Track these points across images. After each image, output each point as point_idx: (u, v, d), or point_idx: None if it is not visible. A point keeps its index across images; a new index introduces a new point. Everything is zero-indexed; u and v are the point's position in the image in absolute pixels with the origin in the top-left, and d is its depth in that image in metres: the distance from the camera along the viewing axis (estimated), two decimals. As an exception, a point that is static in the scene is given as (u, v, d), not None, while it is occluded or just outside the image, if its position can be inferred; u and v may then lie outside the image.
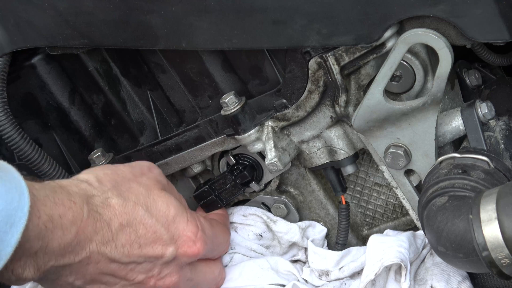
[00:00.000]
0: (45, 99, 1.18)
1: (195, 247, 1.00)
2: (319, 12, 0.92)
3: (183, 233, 0.99)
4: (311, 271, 1.10)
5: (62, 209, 0.84)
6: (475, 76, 1.13)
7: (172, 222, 0.99)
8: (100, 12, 1.02)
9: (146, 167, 1.04)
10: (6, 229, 0.75)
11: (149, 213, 0.96)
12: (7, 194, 0.76)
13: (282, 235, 1.14)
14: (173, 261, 0.99)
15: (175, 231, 0.99)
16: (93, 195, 0.92)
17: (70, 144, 1.23)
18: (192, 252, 1.00)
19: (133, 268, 0.95)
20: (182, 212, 1.00)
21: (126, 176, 0.99)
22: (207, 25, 0.98)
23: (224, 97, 1.04)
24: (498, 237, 0.76)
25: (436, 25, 0.91)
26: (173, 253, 0.98)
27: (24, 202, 0.77)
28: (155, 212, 0.97)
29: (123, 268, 0.94)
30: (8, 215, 0.75)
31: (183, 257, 1.00)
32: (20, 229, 0.76)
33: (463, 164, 0.91)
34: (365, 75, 1.01)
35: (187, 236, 1.00)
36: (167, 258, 0.98)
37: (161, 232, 0.97)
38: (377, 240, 1.00)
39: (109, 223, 0.91)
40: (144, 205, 0.96)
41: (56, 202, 0.84)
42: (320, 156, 1.09)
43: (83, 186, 0.93)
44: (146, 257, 0.96)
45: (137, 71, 1.15)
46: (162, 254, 0.97)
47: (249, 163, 1.14)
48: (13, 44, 1.09)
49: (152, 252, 0.96)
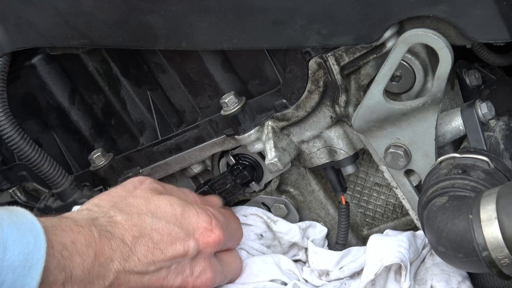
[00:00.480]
0: (45, 99, 1.18)
1: (215, 235, 1.01)
2: (319, 12, 0.92)
3: (198, 225, 1.00)
4: (311, 271, 1.10)
5: (72, 235, 0.85)
6: (475, 76, 1.13)
7: (182, 218, 0.99)
8: (100, 12, 1.02)
9: (137, 181, 1.05)
10: (25, 273, 0.75)
11: (156, 218, 0.97)
12: (22, 238, 0.76)
13: (283, 235, 1.14)
14: (199, 255, 0.99)
15: (189, 225, 0.99)
16: (97, 217, 0.92)
17: (70, 144, 1.23)
18: (214, 240, 1.00)
19: (166, 275, 0.96)
20: (189, 207, 1.01)
21: (121, 195, 1.00)
22: (207, 25, 0.98)
23: (224, 97, 1.04)
24: (498, 237, 0.76)
25: (436, 25, 0.91)
26: (195, 246, 0.98)
27: (41, 244, 0.78)
28: (162, 215, 0.98)
29: (155, 278, 0.95)
30: (25, 259, 0.76)
31: (206, 248, 1.00)
32: (39, 271, 0.76)
33: (463, 164, 0.91)
34: (365, 75, 1.01)
35: (203, 227, 1.00)
36: (191, 253, 0.98)
37: (175, 231, 0.97)
38: (377, 240, 1.00)
39: (123, 238, 0.92)
40: (149, 213, 0.97)
41: (64, 229, 0.85)
42: (320, 156, 1.09)
43: (84, 212, 0.94)
44: (172, 259, 0.96)
45: (137, 71, 1.15)
46: (186, 250, 0.97)
47: (249, 163, 1.14)
48: (13, 44, 1.10)
49: (176, 252, 0.96)
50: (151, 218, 0.96)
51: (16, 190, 1.32)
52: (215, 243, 1.01)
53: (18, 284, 0.75)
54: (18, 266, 0.74)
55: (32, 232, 0.78)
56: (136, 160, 1.17)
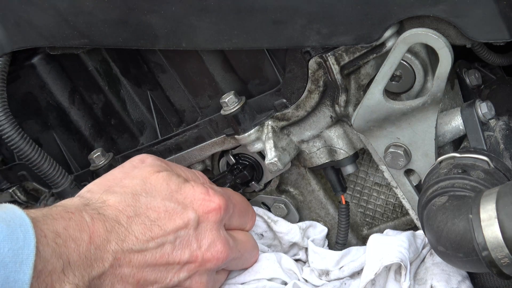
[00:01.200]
0: (45, 99, 1.19)
1: (214, 203, 0.99)
2: (319, 12, 0.92)
3: (194, 196, 0.98)
4: (311, 270, 1.10)
5: (64, 222, 0.85)
6: (475, 76, 1.13)
7: (178, 194, 0.98)
8: (100, 12, 1.02)
9: (137, 161, 1.03)
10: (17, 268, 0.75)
11: (151, 197, 0.95)
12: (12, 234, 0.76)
13: (283, 235, 1.14)
14: (202, 226, 0.98)
15: (185, 199, 0.98)
16: (88, 203, 0.92)
17: (70, 144, 1.23)
18: (214, 208, 0.99)
19: (170, 250, 0.94)
20: (184, 182, 1.00)
21: (117, 177, 0.99)
22: (207, 25, 0.98)
23: (224, 97, 1.04)
24: (498, 237, 0.76)
25: (436, 25, 0.91)
26: (194, 217, 0.97)
27: (30, 239, 0.78)
28: (157, 193, 0.96)
29: (159, 255, 0.93)
30: (16, 254, 0.76)
31: (208, 217, 0.98)
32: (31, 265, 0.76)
33: (463, 164, 0.91)
34: (365, 75, 1.01)
35: (199, 197, 0.98)
36: (192, 223, 0.96)
37: (172, 207, 0.96)
38: (377, 239, 1.00)
39: (117, 219, 0.91)
40: (144, 192, 0.96)
41: (55, 218, 0.84)
42: (320, 156, 1.09)
43: (76, 199, 0.93)
44: (173, 233, 0.94)
45: (137, 71, 1.15)
46: (185, 222, 0.96)
47: (249, 163, 1.14)
48: (13, 44, 1.09)
49: (175, 225, 0.95)
50: (145, 197, 0.95)
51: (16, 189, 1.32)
52: (216, 211, 0.99)
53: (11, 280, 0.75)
54: (9, 262, 0.75)
55: (22, 227, 0.78)
56: (136, 160, 1.17)
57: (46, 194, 1.25)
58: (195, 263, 0.97)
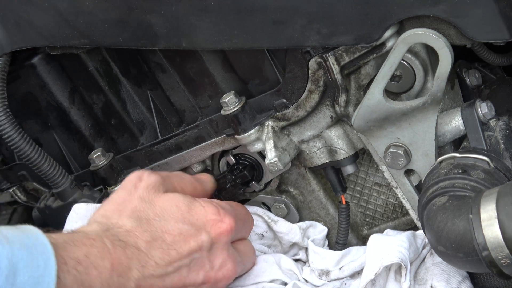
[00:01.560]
0: (45, 99, 1.18)
1: (225, 224, 1.00)
2: (319, 12, 0.92)
3: (206, 218, 0.99)
4: (311, 270, 1.10)
5: (85, 249, 0.84)
6: (475, 76, 1.13)
7: (189, 215, 0.98)
8: (100, 11, 1.02)
9: (135, 179, 1.02)
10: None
11: (164, 221, 0.96)
12: (33, 262, 0.76)
13: (283, 235, 1.14)
14: (215, 247, 0.99)
15: (198, 221, 0.98)
16: (107, 229, 0.92)
17: (70, 144, 1.23)
18: (226, 229, 1.00)
19: (186, 273, 0.95)
20: (193, 203, 1.00)
21: (125, 199, 0.98)
22: (207, 25, 0.98)
23: (224, 97, 1.04)
24: (498, 237, 0.76)
25: (436, 25, 0.91)
26: (208, 238, 0.97)
27: (51, 267, 0.77)
28: (168, 216, 0.97)
29: (177, 279, 0.94)
30: (36, 282, 0.75)
31: (220, 239, 0.99)
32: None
33: (463, 164, 0.91)
34: (365, 75, 1.01)
35: (212, 219, 0.99)
36: (206, 245, 0.97)
37: (186, 229, 0.96)
38: (377, 240, 1.00)
39: (137, 245, 0.91)
40: (157, 216, 0.96)
41: (76, 244, 0.84)
42: (320, 156, 1.09)
43: (94, 225, 0.93)
44: (188, 255, 0.95)
45: (137, 70, 1.15)
46: (199, 244, 0.96)
47: (249, 163, 1.14)
48: (13, 44, 1.09)
49: (190, 248, 0.95)
50: (159, 221, 0.96)
51: (16, 189, 1.32)
52: (228, 232, 1.00)
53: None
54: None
55: (43, 255, 0.77)
56: (136, 160, 1.17)
57: (46, 194, 1.24)
58: (208, 283, 0.98)
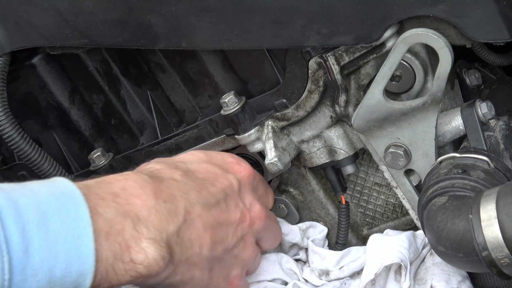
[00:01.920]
0: (45, 99, 1.18)
1: (243, 166, 1.00)
2: (319, 12, 0.92)
3: (225, 160, 1.00)
4: (311, 270, 1.10)
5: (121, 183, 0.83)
6: (475, 76, 1.13)
7: (209, 158, 0.99)
8: (100, 11, 1.02)
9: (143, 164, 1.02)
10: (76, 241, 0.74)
11: (190, 163, 0.96)
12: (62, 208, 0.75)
13: (283, 236, 1.14)
14: (243, 188, 0.98)
15: (219, 161, 0.99)
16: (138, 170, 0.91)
17: (70, 144, 1.23)
18: (246, 171, 1.00)
19: (226, 208, 0.93)
20: (207, 151, 1.02)
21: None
22: (207, 25, 0.98)
23: (224, 97, 1.04)
24: (498, 237, 0.76)
25: (436, 25, 0.91)
26: (235, 179, 0.97)
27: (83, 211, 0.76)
28: (191, 161, 0.97)
29: (219, 211, 0.92)
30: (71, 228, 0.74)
31: (244, 180, 0.99)
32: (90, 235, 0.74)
33: (463, 164, 0.91)
34: (365, 75, 1.01)
35: (230, 161, 1.00)
36: (235, 184, 0.97)
37: (211, 168, 0.96)
38: (377, 240, 1.00)
39: (173, 177, 0.90)
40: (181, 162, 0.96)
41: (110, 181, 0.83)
42: (320, 156, 1.09)
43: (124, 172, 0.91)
44: (222, 191, 0.94)
45: (137, 70, 1.15)
46: (230, 182, 0.96)
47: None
48: (13, 44, 1.09)
49: (222, 185, 0.95)
50: (184, 164, 0.95)
51: (16, 189, 1.31)
52: (248, 174, 1.00)
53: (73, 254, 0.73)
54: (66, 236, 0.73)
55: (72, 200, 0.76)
56: (136, 160, 1.17)
57: (46, 194, 1.24)
58: (245, 222, 0.96)
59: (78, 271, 0.74)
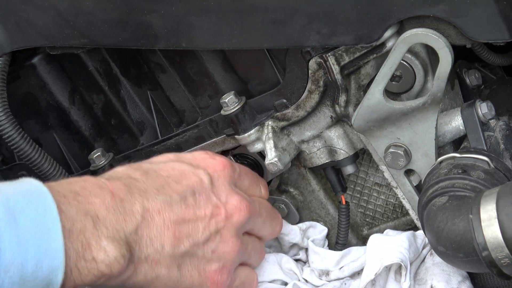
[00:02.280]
0: (45, 99, 1.18)
1: (217, 160, 0.99)
2: (319, 12, 0.92)
3: (196, 157, 0.99)
4: (311, 270, 1.10)
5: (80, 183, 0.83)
6: (475, 76, 1.13)
7: (178, 158, 0.98)
8: (100, 11, 1.02)
9: None
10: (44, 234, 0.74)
11: (155, 164, 0.96)
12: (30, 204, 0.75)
13: (283, 236, 1.14)
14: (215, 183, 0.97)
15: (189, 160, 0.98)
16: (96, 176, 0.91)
17: (70, 144, 1.23)
18: (220, 165, 0.99)
19: (193, 203, 0.92)
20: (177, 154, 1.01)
21: None
22: (207, 25, 0.98)
23: (224, 97, 1.04)
24: (498, 237, 0.76)
25: (436, 25, 0.91)
26: (205, 174, 0.96)
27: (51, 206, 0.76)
28: (157, 161, 0.97)
29: (185, 206, 0.91)
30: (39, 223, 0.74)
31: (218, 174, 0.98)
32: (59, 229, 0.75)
33: (463, 164, 0.91)
34: (365, 75, 1.01)
35: (202, 157, 0.99)
36: (206, 180, 0.95)
37: (178, 165, 0.95)
38: (377, 240, 1.00)
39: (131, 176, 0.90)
40: (147, 163, 0.96)
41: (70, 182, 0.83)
42: (320, 156, 1.09)
43: None
44: (190, 187, 0.93)
45: (137, 71, 1.15)
46: (200, 178, 0.95)
47: (249, 163, 1.14)
48: (13, 44, 1.09)
49: (190, 181, 0.94)
50: (149, 164, 0.95)
51: (16, 189, 1.31)
52: (223, 167, 0.99)
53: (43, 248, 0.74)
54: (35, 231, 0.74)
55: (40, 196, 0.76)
56: (136, 160, 1.17)
57: (46, 194, 1.24)
58: (220, 215, 0.95)
59: (49, 266, 0.74)
